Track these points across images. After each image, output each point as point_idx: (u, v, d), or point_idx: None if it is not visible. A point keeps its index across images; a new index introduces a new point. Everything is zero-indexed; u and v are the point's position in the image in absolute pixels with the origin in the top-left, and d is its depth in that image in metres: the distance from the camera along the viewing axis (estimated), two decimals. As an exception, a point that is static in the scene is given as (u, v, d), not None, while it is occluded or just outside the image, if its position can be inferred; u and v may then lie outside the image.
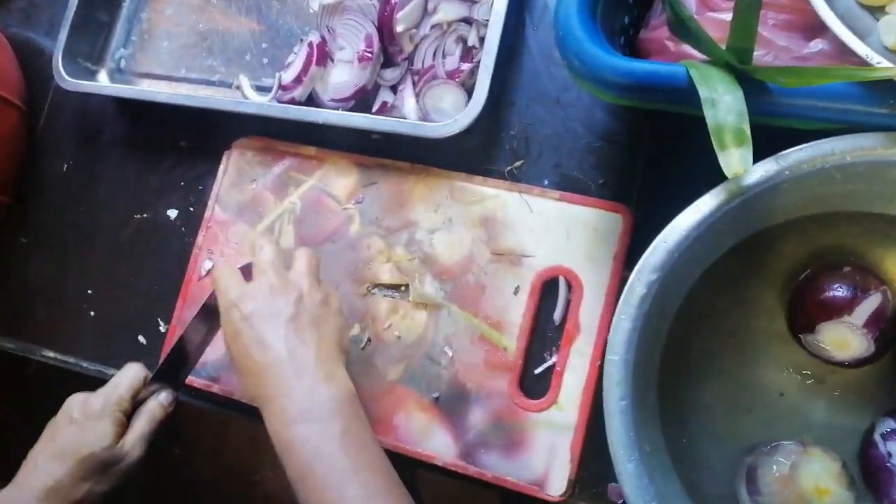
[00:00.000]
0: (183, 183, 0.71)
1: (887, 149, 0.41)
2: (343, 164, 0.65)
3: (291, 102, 0.65)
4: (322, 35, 0.66)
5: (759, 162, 0.42)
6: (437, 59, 0.62)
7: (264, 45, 0.71)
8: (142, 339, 0.69)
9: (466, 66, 0.61)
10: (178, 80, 0.73)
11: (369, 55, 0.62)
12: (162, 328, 0.68)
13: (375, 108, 0.64)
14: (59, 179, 0.76)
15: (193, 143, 0.72)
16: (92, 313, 0.71)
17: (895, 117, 0.40)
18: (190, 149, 0.72)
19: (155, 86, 0.74)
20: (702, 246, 0.44)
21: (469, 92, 0.61)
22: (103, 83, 0.75)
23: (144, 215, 0.72)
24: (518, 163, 0.61)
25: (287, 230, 0.66)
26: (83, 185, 0.75)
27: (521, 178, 0.61)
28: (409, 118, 0.62)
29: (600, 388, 0.54)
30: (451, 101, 0.61)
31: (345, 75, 0.64)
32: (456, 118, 0.58)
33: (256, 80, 0.70)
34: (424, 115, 0.62)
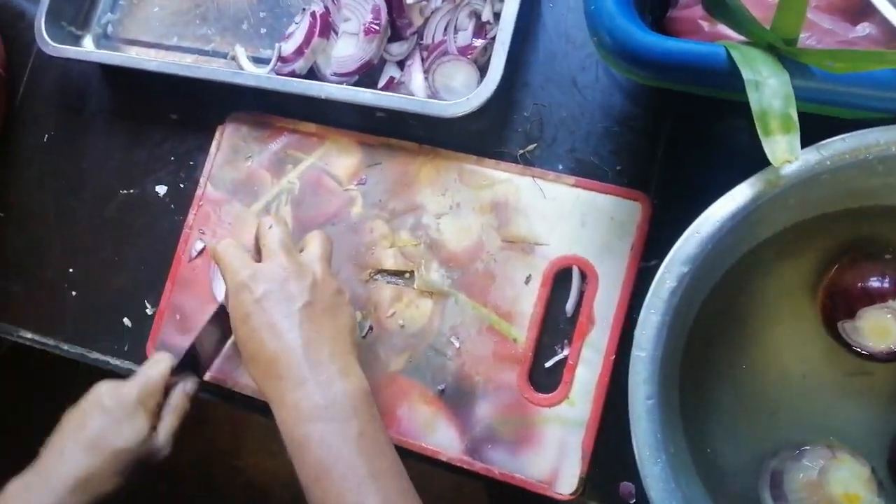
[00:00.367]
0: (173, 158, 0.67)
1: (936, 141, 0.39)
2: (345, 142, 0.62)
3: (291, 76, 0.62)
4: (326, 5, 0.62)
5: (798, 151, 0.40)
6: (449, 34, 0.59)
7: (263, 14, 0.67)
8: (127, 321, 0.65)
9: (480, 43, 0.58)
10: (168, 48, 0.69)
11: (376, 28, 0.59)
12: (149, 311, 0.65)
13: (381, 83, 0.60)
14: (40, 151, 0.72)
15: (185, 115, 0.68)
16: (73, 293, 0.68)
17: (947, 107, 0.38)
18: (181, 122, 0.68)
19: (144, 53, 0.70)
20: (734, 238, 0.42)
21: (481, 70, 0.58)
22: (88, 49, 0.70)
23: (131, 191, 0.68)
24: (531, 146, 0.58)
25: (284, 211, 0.62)
26: (65, 157, 0.71)
27: (535, 162, 0.58)
28: (416, 96, 0.59)
29: (614, 383, 0.53)
30: (462, 79, 0.58)
31: (349, 48, 0.60)
32: (468, 97, 0.54)
33: (254, 51, 0.66)
34: (433, 93, 0.59)
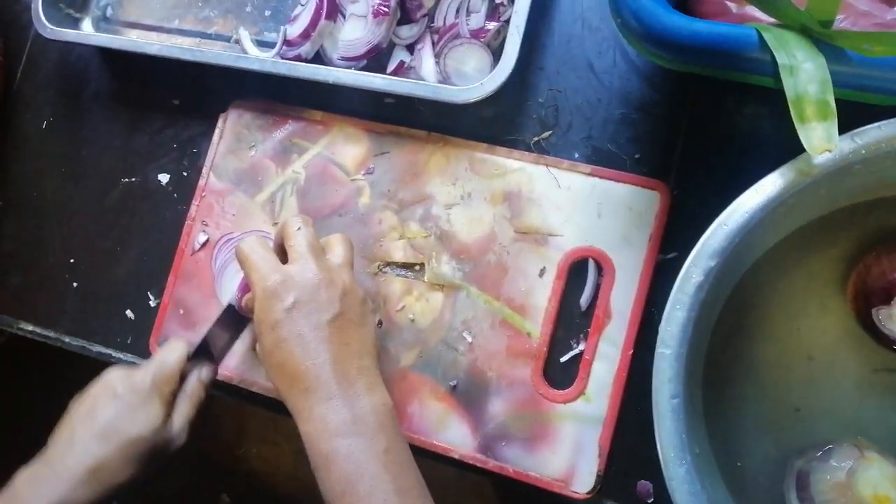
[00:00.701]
0: (175, 145, 0.65)
1: (977, 129, 0.37)
2: (352, 130, 0.60)
3: (296, 60, 0.60)
4: (333, -14, 0.60)
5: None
6: (461, 17, 0.57)
7: (267, -4, 0.65)
8: (130, 313, 0.64)
9: (493, 26, 0.56)
10: (170, 31, 0.67)
11: (385, 10, 0.57)
12: (152, 302, 0.63)
13: (391, 68, 0.58)
14: (38, 138, 0.70)
15: (187, 101, 0.66)
16: (74, 284, 0.66)
17: None
18: (183, 108, 0.66)
19: (145, 37, 0.68)
20: (762, 230, 0.40)
21: (494, 54, 0.56)
22: (87, 32, 0.68)
23: (132, 179, 0.66)
24: (546, 133, 0.56)
25: (289, 202, 0.60)
26: (64, 144, 0.69)
27: (549, 150, 0.56)
28: (427, 81, 0.57)
29: (632, 378, 0.51)
30: (474, 64, 0.56)
31: (357, 31, 0.58)
32: (482, 82, 0.52)
33: (258, 34, 0.64)
34: (445, 79, 0.57)
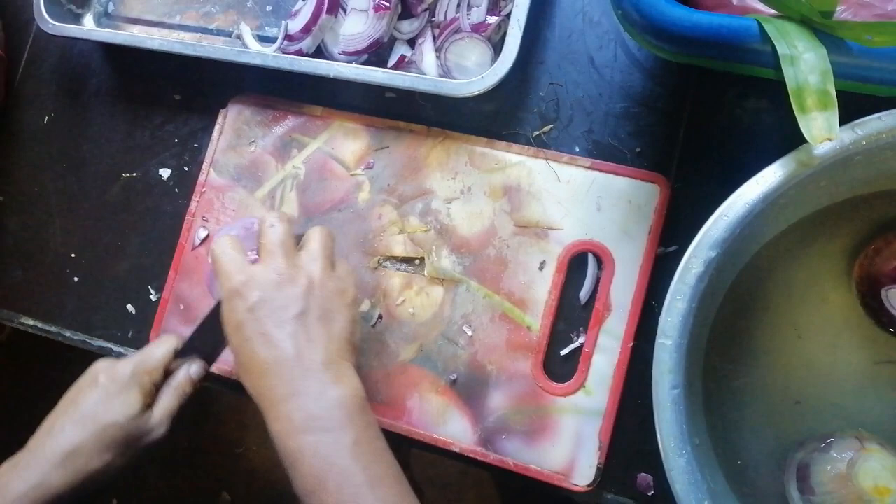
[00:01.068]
0: (176, 140, 0.65)
1: (978, 119, 0.37)
2: (351, 125, 0.60)
3: (298, 54, 0.60)
4: (334, -19, 0.60)
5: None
6: (462, 11, 0.57)
7: (268, -9, 0.65)
8: (131, 308, 0.64)
9: (494, 20, 0.56)
10: (171, 26, 0.67)
11: (386, 4, 0.57)
12: (153, 297, 0.63)
13: (392, 62, 0.58)
14: (40, 133, 0.70)
15: (188, 96, 0.66)
16: (76, 279, 0.66)
17: None
18: (184, 103, 0.66)
19: (146, 32, 0.68)
20: (763, 221, 0.40)
21: (495, 48, 0.56)
22: (89, 27, 0.68)
23: (134, 174, 0.66)
24: (546, 127, 0.56)
25: (289, 197, 0.61)
26: (66, 139, 0.69)
27: (550, 144, 0.56)
28: (428, 75, 0.57)
29: (632, 371, 0.51)
30: (475, 58, 0.56)
31: (358, 26, 0.58)
32: (483, 76, 0.53)
33: (259, 29, 0.64)
34: (446, 73, 0.57)
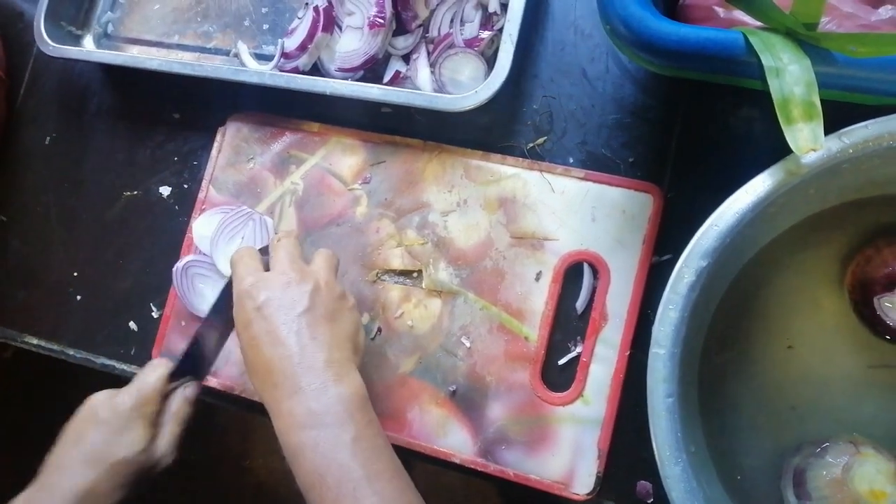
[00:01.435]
0: (176, 158, 0.66)
1: (962, 126, 0.38)
2: (348, 141, 0.61)
3: (294, 72, 0.61)
4: (329, -1, 0.61)
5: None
6: (455, 27, 0.58)
7: (265, 10, 0.66)
8: (133, 325, 0.64)
9: (487, 34, 0.57)
10: (170, 46, 0.68)
11: (381, 21, 0.58)
12: (155, 314, 0.64)
13: (387, 78, 0.59)
14: (42, 153, 0.71)
15: (187, 115, 0.67)
16: (78, 297, 0.67)
17: (973, 92, 0.37)
18: (183, 121, 0.67)
19: (145, 52, 0.69)
20: (753, 230, 0.41)
21: (488, 62, 0.57)
22: (89, 49, 0.69)
23: (134, 192, 0.67)
24: (541, 139, 0.57)
25: (288, 213, 0.61)
26: (68, 159, 0.70)
27: (545, 156, 0.57)
28: (423, 90, 0.58)
29: (629, 380, 0.51)
30: (469, 73, 0.57)
31: (354, 43, 0.59)
32: (477, 90, 0.53)
33: (256, 47, 0.65)
34: (440, 87, 0.58)
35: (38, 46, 0.66)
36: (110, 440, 0.49)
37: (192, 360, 0.54)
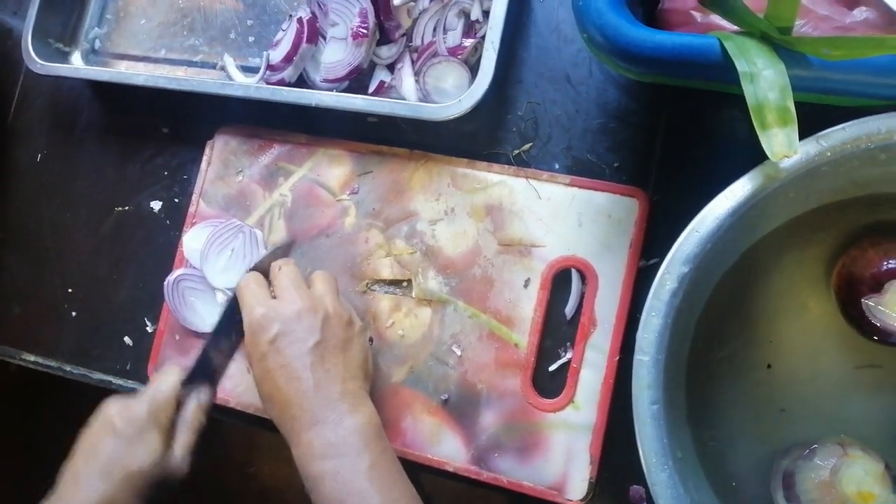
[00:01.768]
0: (166, 172, 0.66)
1: (939, 127, 0.38)
2: (335, 152, 0.61)
3: (280, 84, 0.61)
4: (312, 10, 0.61)
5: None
6: (438, 35, 0.58)
7: (250, 23, 0.66)
8: (128, 340, 0.65)
9: (469, 42, 0.57)
10: (157, 61, 0.69)
11: (364, 31, 0.58)
12: (149, 328, 0.64)
13: (372, 88, 0.59)
14: (33, 170, 0.71)
15: (176, 128, 0.67)
16: (73, 313, 0.67)
17: (950, 92, 0.37)
18: (172, 135, 0.67)
19: (133, 67, 0.69)
20: (735, 234, 0.41)
21: (472, 70, 0.57)
22: (77, 65, 0.70)
23: (126, 208, 0.67)
24: (526, 146, 0.57)
25: (278, 225, 0.61)
26: (59, 176, 0.70)
27: (531, 162, 0.57)
28: (408, 99, 0.58)
29: (620, 385, 0.51)
30: (453, 80, 0.57)
31: (338, 54, 0.59)
32: (460, 98, 0.53)
33: (242, 60, 0.65)
34: (425, 96, 0.58)
35: (26, 64, 0.66)
36: (125, 451, 0.49)
37: (203, 370, 0.53)
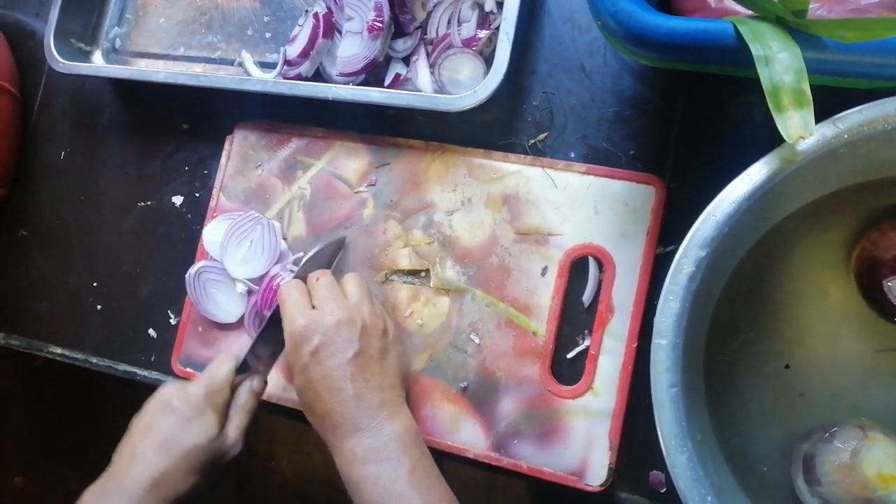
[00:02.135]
0: (187, 167, 0.68)
1: (957, 107, 0.38)
2: (353, 144, 0.62)
3: (297, 78, 0.62)
4: (328, 5, 0.61)
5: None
6: (452, 27, 0.58)
7: (266, 19, 0.67)
8: (152, 332, 0.66)
9: (484, 34, 0.57)
10: (176, 58, 0.70)
11: (379, 25, 0.58)
12: (173, 320, 0.65)
13: (388, 81, 0.60)
14: (58, 168, 0.73)
15: (196, 124, 0.68)
16: (98, 307, 0.69)
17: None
18: (192, 131, 0.68)
19: (152, 65, 0.70)
20: (752, 218, 0.41)
21: (487, 61, 0.57)
22: (98, 64, 0.71)
23: (148, 203, 0.68)
24: (541, 136, 0.57)
25: (297, 218, 0.62)
26: (83, 173, 0.72)
27: (546, 151, 0.57)
28: (423, 91, 0.59)
29: (638, 371, 0.52)
30: (468, 72, 0.57)
31: (354, 48, 0.60)
32: (475, 89, 0.54)
33: (260, 56, 0.66)
34: (440, 88, 0.58)
35: (49, 64, 0.68)
36: (183, 427, 0.50)
37: (256, 357, 0.56)
